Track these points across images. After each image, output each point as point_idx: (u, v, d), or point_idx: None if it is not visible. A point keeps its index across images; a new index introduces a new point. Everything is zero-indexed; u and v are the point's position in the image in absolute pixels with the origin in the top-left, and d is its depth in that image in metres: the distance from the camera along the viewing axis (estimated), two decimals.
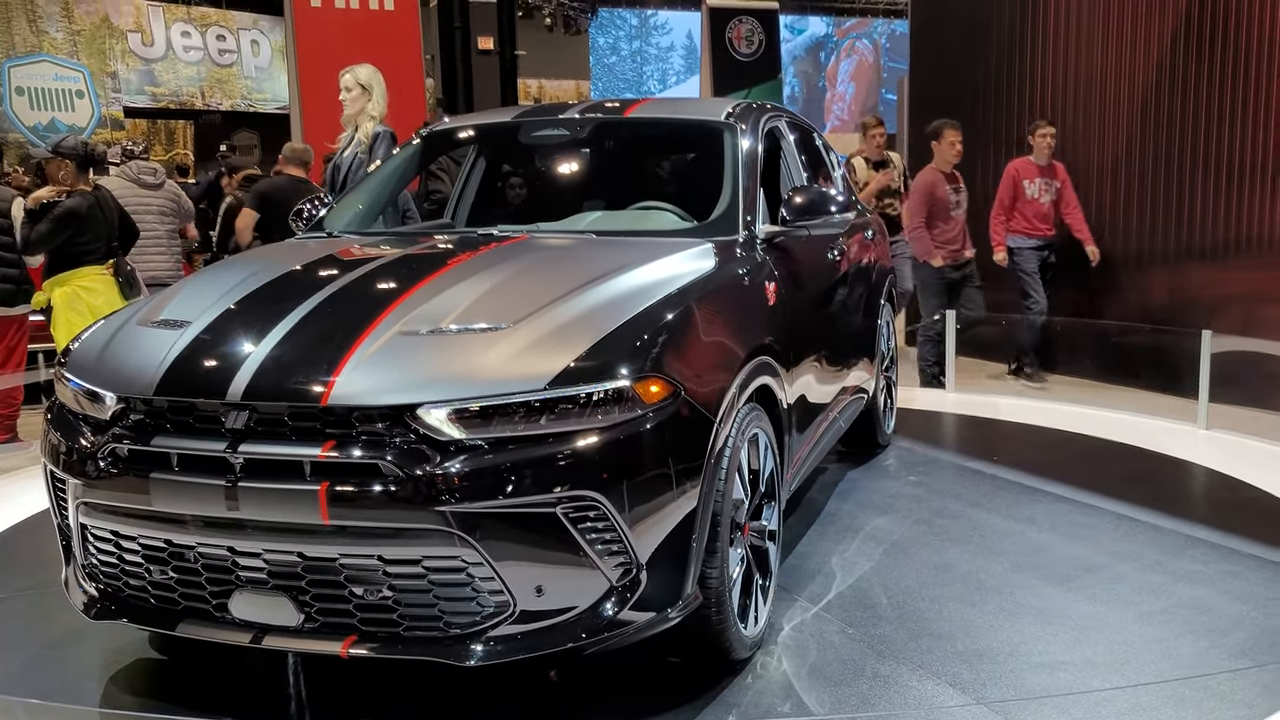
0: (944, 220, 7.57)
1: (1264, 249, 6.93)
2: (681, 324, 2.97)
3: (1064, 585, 3.76)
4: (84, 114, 19.12)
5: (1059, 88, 8.41)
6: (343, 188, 5.49)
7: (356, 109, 5.62)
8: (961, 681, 3.07)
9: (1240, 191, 7.05)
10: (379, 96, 5.60)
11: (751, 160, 3.97)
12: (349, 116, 5.71)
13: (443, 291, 3.05)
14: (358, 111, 5.61)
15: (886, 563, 3.99)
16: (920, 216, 7.55)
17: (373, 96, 5.59)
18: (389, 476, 2.56)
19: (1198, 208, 7.35)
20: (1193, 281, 7.42)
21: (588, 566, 2.64)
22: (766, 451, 3.33)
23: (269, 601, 2.72)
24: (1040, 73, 8.58)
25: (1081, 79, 8.22)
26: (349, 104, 5.63)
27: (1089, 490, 4.82)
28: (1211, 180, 7.23)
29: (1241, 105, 7.02)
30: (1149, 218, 7.72)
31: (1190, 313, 7.15)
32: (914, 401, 6.72)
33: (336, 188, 5.57)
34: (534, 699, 3.06)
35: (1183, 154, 7.42)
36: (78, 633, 3.47)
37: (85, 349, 3.14)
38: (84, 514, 2.92)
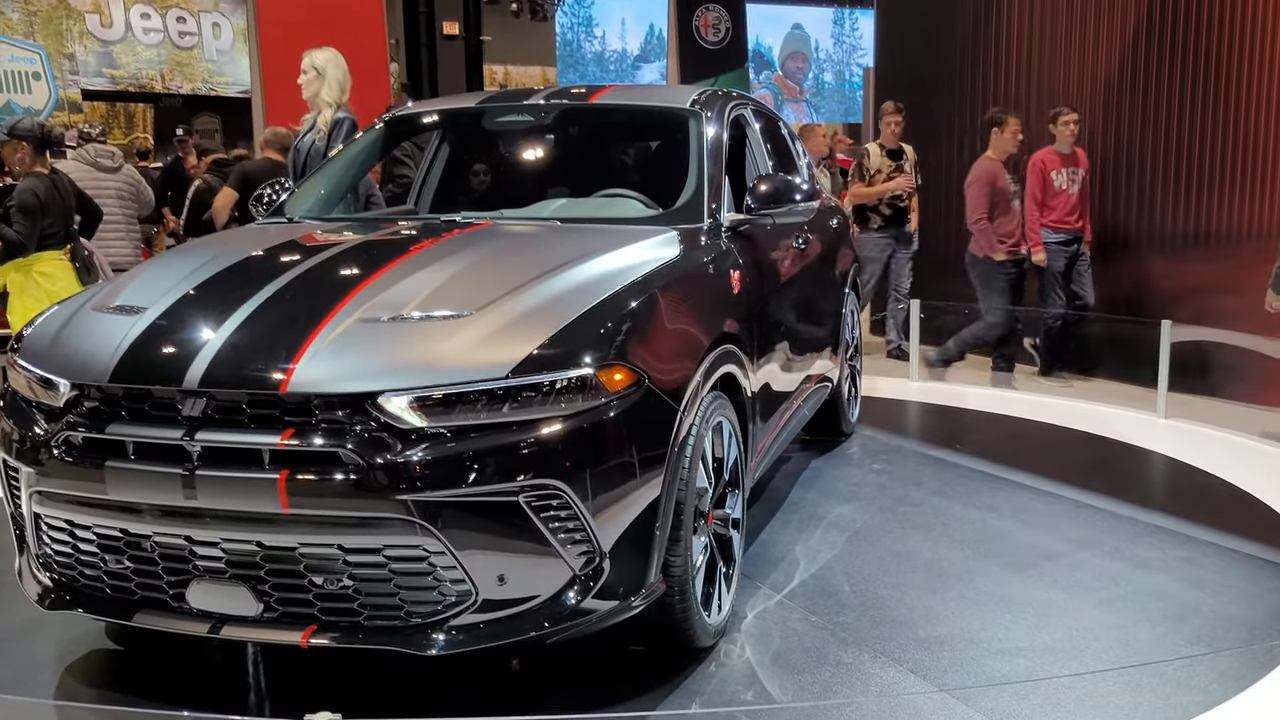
0: (1004, 212, 7.12)
1: (1222, 242, 7.01)
2: (645, 312, 2.96)
3: (1024, 572, 3.79)
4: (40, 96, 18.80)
5: (1022, 79, 8.46)
6: (303, 173, 5.42)
7: (311, 93, 5.52)
8: (923, 668, 3.09)
9: (1200, 185, 7.12)
10: (333, 80, 5.47)
11: (716, 148, 3.96)
12: (309, 100, 5.64)
13: (405, 278, 3.02)
14: (313, 95, 5.52)
15: (849, 550, 4.01)
16: (982, 209, 7.08)
17: (326, 81, 5.48)
18: (349, 465, 2.53)
19: (1157, 201, 7.43)
20: (1153, 273, 7.49)
21: (550, 555, 2.63)
22: (731, 440, 3.33)
23: (227, 591, 2.69)
24: (1004, 63, 8.63)
25: (1045, 70, 8.27)
26: (305, 87, 5.54)
27: (1049, 478, 4.87)
28: (1172, 174, 7.31)
29: (1202, 99, 7.09)
30: (1109, 210, 7.78)
31: (1150, 303, 7.22)
32: (878, 390, 6.75)
33: (297, 173, 5.50)
34: (496, 688, 3.05)
35: (1144, 147, 7.48)
36: (32, 624, 3.41)
37: (39, 335, 3.08)
38: (37, 503, 2.87)
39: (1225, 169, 6.99)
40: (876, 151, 8.17)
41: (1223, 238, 7.01)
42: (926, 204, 8.62)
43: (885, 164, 8.11)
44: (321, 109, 5.48)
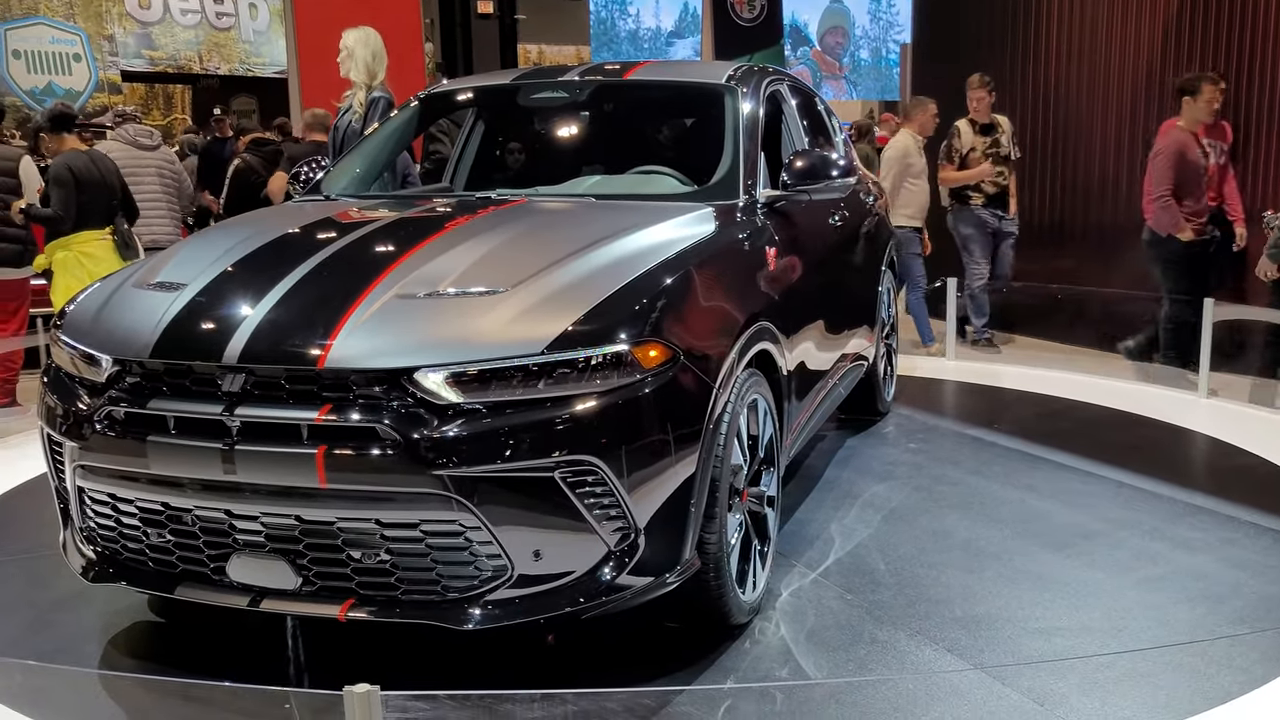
0: (1194, 188, 6.56)
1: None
2: (681, 288, 2.95)
3: (1062, 552, 3.76)
4: (81, 78, 18.99)
5: (1063, 52, 8.34)
6: (340, 151, 5.46)
7: (345, 71, 5.58)
8: (959, 647, 3.08)
9: (1243, 161, 7.00)
10: (360, 60, 5.49)
11: (752, 124, 3.94)
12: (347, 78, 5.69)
13: (440, 255, 3.03)
14: (347, 73, 5.58)
15: (885, 529, 3.99)
16: (1168, 184, 6.51)
17: (355, 61, 5.51)
18: (386, 440, 2.55)
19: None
20: None
21: (586, 531, 2.63)
22: (766, 417, 3.31)
23: (267, 565, 2.72)
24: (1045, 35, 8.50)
25: (1086, 45, 8.14)
26: (340, 66, 5.59)
27: (1089, 458, 4.82)
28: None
29: (1247, 73, 6.96)
30: None
31: None
32: (915, 369, 6.70)
33: (335, 151, 5.54)
34: (532, 662, 3.07)
35: None
36: (76, 596, 3.47)
37: (81, 311, 3.12)
38: (81, 477, 2.92)
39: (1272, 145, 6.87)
40: (967, 129, 7.67)
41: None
42: None
43: (978, 141, 7.63)
44: (356, 89, 5.52)
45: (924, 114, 7.64)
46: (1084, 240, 8.11)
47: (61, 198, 6.09)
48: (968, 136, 7.67)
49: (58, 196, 6.09)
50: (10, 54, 18.25)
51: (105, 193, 6.26)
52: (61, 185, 6.07)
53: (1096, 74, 7.98)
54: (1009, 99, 8.60)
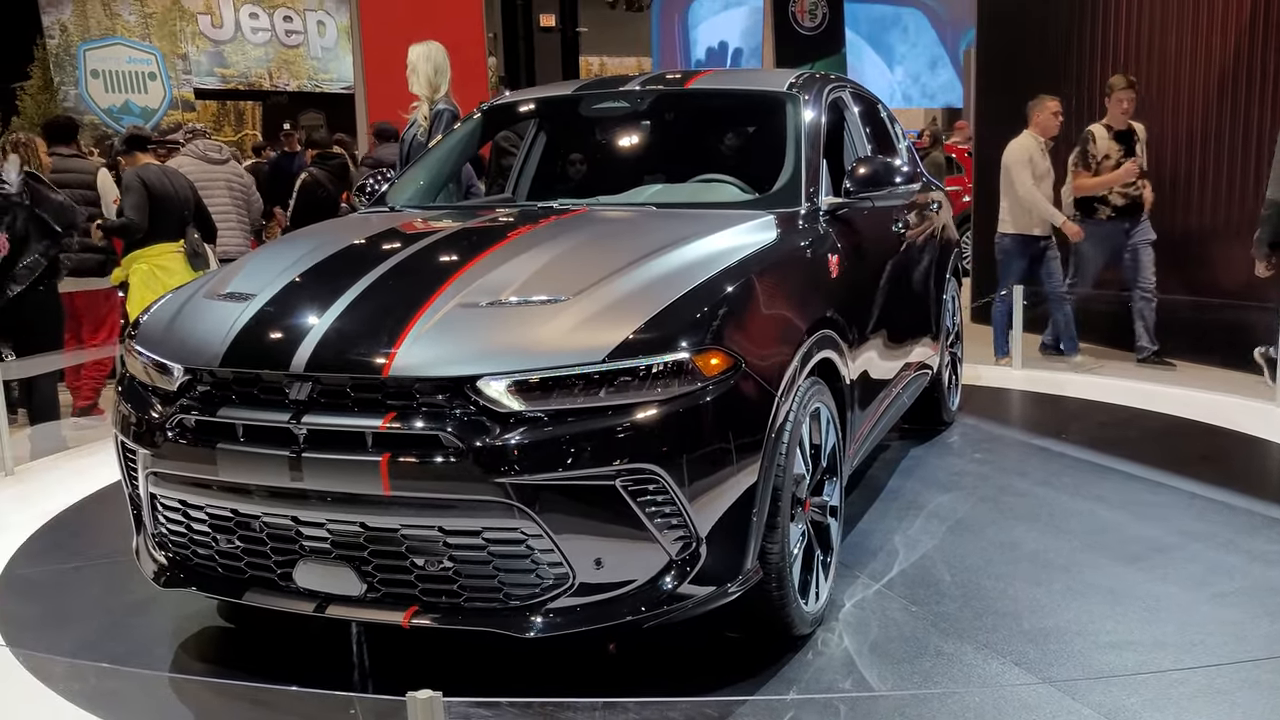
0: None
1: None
2: (742, 296, 2.94)
3: (1134, 565, 3.68)
4: (156, 96, 19.48)
5: (1133, 57, 8.18)
6: (405, 163, 5.54)
7: (411, 85, 5.68)
8: (1027, 660, 3.02)
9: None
10: (422, 75, 5.60)
11: (814, 131, 3.92)
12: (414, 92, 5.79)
13: (502, 264, 3.05)
14: (412, 88, 5.68)
15: (950, 540, 3.94)
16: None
17: (417, 75, 5.61)
18: (449, 448, 2.57)
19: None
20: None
21: (647, 540, 2.63)
22: (828, 426, 3.29)
23: (332, 571, 2.76)
24: (1114, 41, 8.35)
25: (1156, 48, 7.98)
26: (408, 81, 5.70)
27: (1161, 468, 4.71)
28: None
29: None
30: (1225, 190, 7.48)
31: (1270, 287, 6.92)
32: (980, 378, 6.61)
33: (403, 163, 5.63)
34: (593, 671, 3.07)
35: (1262, 125, 7.17)
36: (149, 600, 3.55)
37: (154, 321, 3.19)
38: (153, 484, 2.98)
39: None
40: (1103, 134, 7.16)
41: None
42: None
43: (1114, 149, 7.12)
44: (421, 102, 5.61)
45: (1044, 113, 7.26)
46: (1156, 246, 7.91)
47: (134, 204, 6.25)
48: (1103, 143, 7.14)
49: (130, 203, 6.26)
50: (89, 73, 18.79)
51: (178, 206, 6.41)
52: (133, 193, 6.24)
53: (1167, 77, 7.82)
54: (1078, 102, 8.46)
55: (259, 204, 8.13)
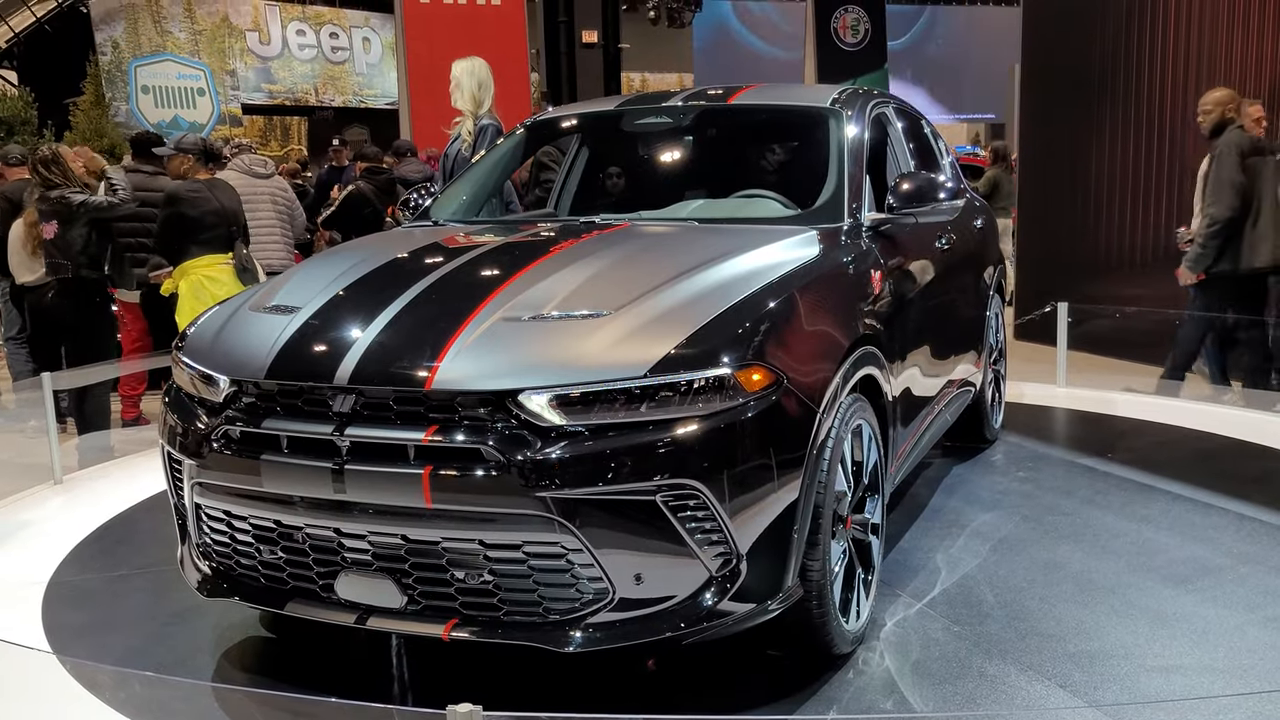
0: None
1: None
2: (784, 312, 2.93)
3: (1182, 587, 3.61)
4: (204, 111, 19.81)
5: (1180, 71, 8.09)
6: (449, 178, 5.59)
7: (454, 101, 5.74)
8: (1072, 683, 2.97)
9: None
10: (466, 90, 5.68)
11: (857, 147, 3.90)
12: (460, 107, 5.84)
13: (545, 278, 3.06)
14: (456, 103, 5.74)
15: (994, 560, 3.89)
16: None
17: (462, 90, 5.67)
18: (490, 461, 2.58)
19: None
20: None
21: (687, 555, 2.62)
22: (870, 443, 3.26)
23: (373, 583, 2.77)
24: (1162, 55, 8.27)
25: (1205, 61, 7.89)
26: (451, 96, 5.77)
27: (1210, 489, 4.63)
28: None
29: None
30: None
31: None
32: (1023, 396, 6.54)
33: (446, 178, 5.68)
34: (632, 687, 3.06)
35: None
36: (193, 609, 3.58)
37: (201, 333, 3.23)
38: (198, 494, 3.01)
39: None
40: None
41: None
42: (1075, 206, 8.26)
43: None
44: (465, 117, 5.66)
45: (1244, 119, 6.64)
46: None
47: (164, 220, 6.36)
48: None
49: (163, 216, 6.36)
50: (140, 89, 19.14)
51: (225, 219, 6.49)
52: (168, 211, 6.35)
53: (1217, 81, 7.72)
54: (1124, 118, 8.38)
55: (302, 219, 8.22)
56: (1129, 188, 8.56)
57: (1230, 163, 6.29)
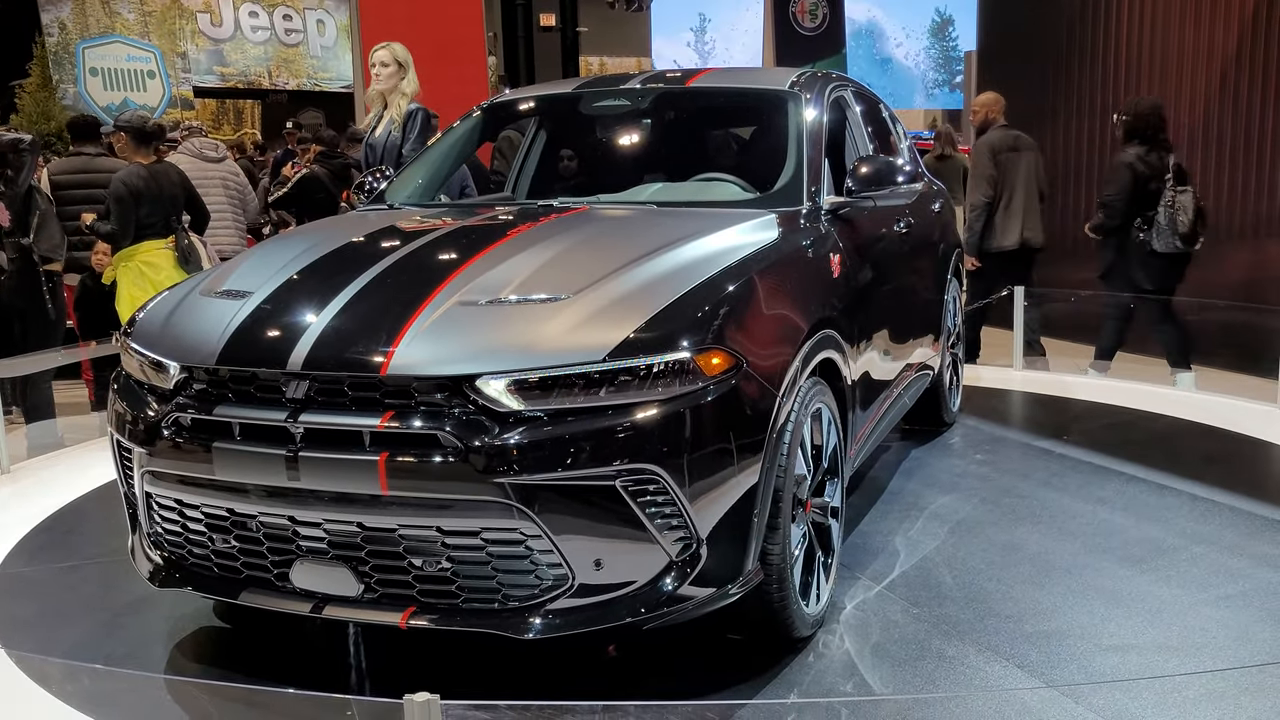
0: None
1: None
2: (743, 295, 2.92)
3: (1137, 567, 3.65)
4: (155, 94, 19.45)
5: (1135, 57, 8.17)
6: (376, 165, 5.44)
7: (389, 85, 5.55)
8: (1030, 663, 3.00)
9: None
10: (413, 74, 5.56)
11: (816, 130, 3.89)
12: (378, 93, 5.63)
13: (502, 262, 3.03)
14: (390, 89, 5.55)
15: (952, 542, 3.91)
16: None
17: (408, 74, 5.54)
18: (447, 447, 2.54)
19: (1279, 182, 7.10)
20: (1274, 257, 7.17)
21: (647, 540, 2.60)
22: (830, 427, 3.26)
23: (329, 571, 2.73)
24: (1116, 41, 8.34)
25: (1159, 48, 7.97)
26: (383, 80, 5.56)
27: (1164, 471, 4.69)
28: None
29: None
30: (1227, 192, 7.47)
31: (1271, 289, 6.91)
32: (980, 380, 6.59)
33: (367, 165, 5.50)
34: (592, 673, 3.04)
35: (1264, 127, 7.16)
36: (144, 600, 3.52)
37: (150, 319, 3.16)
38: (149, 483, 2.95)
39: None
40: None
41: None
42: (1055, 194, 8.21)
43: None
44: (395, 101, 5.49)
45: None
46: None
47: (119, 214, 6.21)
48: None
49: (117, 213, 6.21)
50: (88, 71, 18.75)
51: (165, 206, 6.36)
52: (120, 203, 6.20)
53: (1169, 79, 7.81)
54: (1079, 102, 8.45)
55: (255, 202, 8.09)
56: (1083, 173, 8.65)
57: (983, 158, 7.08)
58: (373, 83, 5.70)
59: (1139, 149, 6.42)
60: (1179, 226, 6.28)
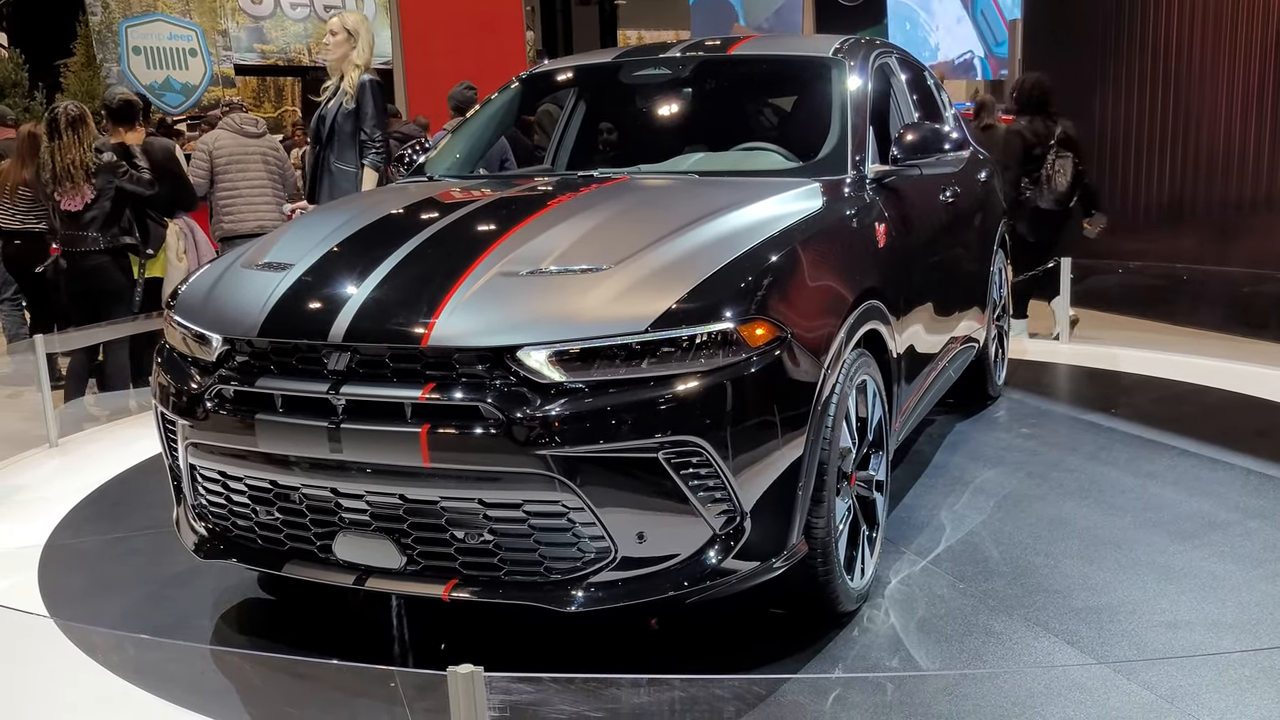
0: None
1: None
2: (788, 265, 2.87)
3: (1189, 542, 3.58)
4: (197, 72, 19.58)
5: (1188, 22, 7.97)
6: (329, 139, 5.33)
7: (339, 54, 5.40)
8: (1080, 640, 2.94)
9: None
10: (365, 43, 5.38)
11: (861, 97, 3.82)
12: (333, 63, 5.49)
13: (543, 233, 3.00)
14: (340, 57, 5.39)
15: (998, 516, 3.85)
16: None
17: (358, 43, 5.37)
18: (489, 419, 2.52)
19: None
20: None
21: (690, 513, 2.58)
22: (875, 399, 3.22)
23: (372, 543, 2.73)
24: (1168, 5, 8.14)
25: (1212, 12, 7.77)
26: (332, 49, 5.42)
27: (1216, 444, 4.59)
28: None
29: None
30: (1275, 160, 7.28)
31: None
32: (1026, 352, 6.49)
33: (321, 139, 5.40)
34: (635, 647, 3.03)
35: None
36: (190, 572, 3.54)
37: (193, 291, 3.17)
38: (193, 455, 2.96)
39: None
40: None
41: None
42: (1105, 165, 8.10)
43: None
44: (347, 72, 5.34)
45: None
46: (1206, 218, 7.75)
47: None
48: None
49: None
50: (131, 50, 18.90)
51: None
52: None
53: (1221, 45, 7.61)
54: (1127, 71, 8.27)
55: (294, 177, 8.11)
56: (1134, 142, 8.47)
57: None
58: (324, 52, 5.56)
59: (1027, 119, 6.88)
60: (1057, 187, 6.75)
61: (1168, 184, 8.26)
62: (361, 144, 5.24)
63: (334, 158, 5.30)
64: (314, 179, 5.41)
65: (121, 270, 6.13)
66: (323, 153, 5.35)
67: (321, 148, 5.36)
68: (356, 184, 5.23)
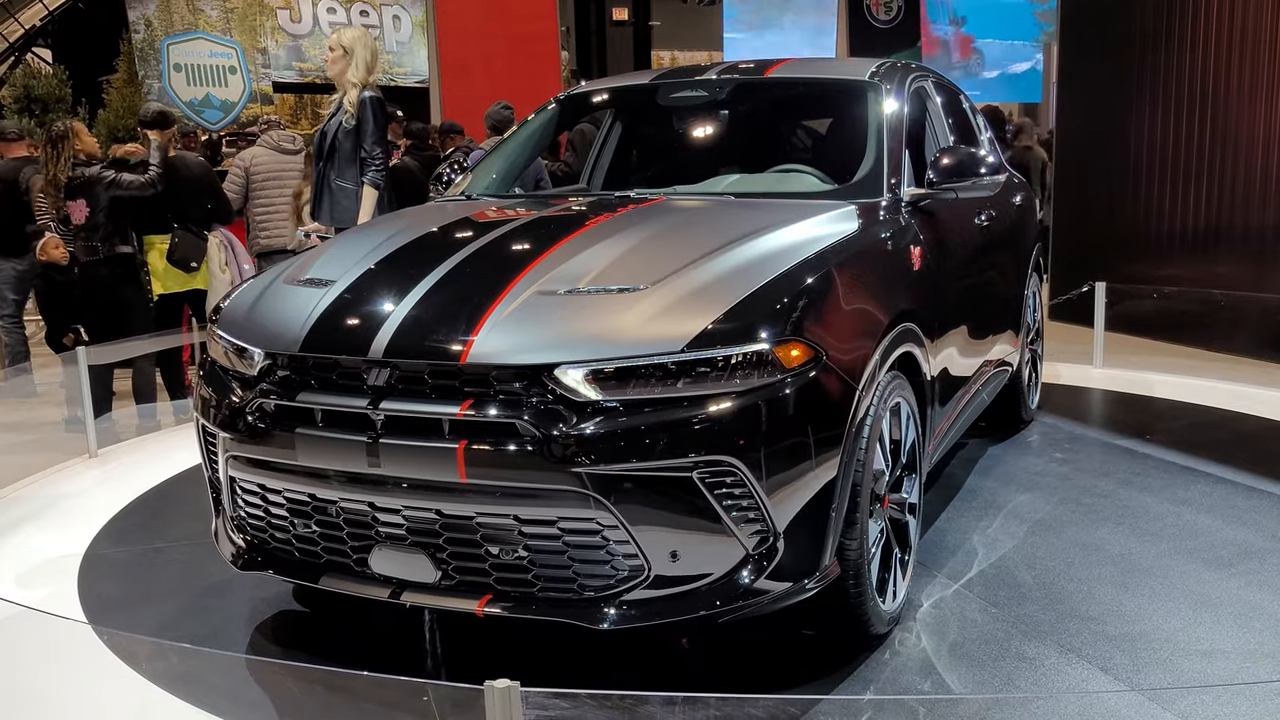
0: None
1: None
2: (823, 287, 2.88)
3: (1225, 570, 3.55)
4: (236, 90, 19.83)
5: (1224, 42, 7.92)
6: (330, 155, 5.33)
7: (337, 71, 5.39)
8: (1114, 666, 2.93)
9: None
10: (359, 60, 5.34)
11: (896, 121, 3.84)
12: (334, 79, 5.48)
13: (580, 252, 3.03)
14: (339, 74, 5.38)
15: (1031, 541, 3.84)
16: None
17: (353, 60, 5.33)
18: (525, 436, 2.55)
19: None
20: None
21: (724, 533, 2.59)
22: (908, 422, 3.22)
23: (408, 558, 2.76)
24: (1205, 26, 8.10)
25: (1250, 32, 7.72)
26: (331, 65, 5.42)
27: (1252, 472, 4.55)
28: None
29: None
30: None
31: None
32: (1059, 377, 6.46)
33: (322, 155, 5.39)
34: (666, 665, 3.04)
35: None
36: (227, 582, 3.59)
37: (236, 306, 3.22)
38: (233, 467, 3.01)
39: None
40: None
41: None
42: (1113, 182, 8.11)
43: None
44: (347, 89, 5.34)
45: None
46: (1244, 243, 7.68)
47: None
48: None
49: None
50: (172, 67, 19.17)
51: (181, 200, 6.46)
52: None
53: (1260, 66, 7.56)
54: (1165, 93, 8.23)
55: None
56: (1169, 164, 8.42)
57: None
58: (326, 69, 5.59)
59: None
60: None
61: (1204, 208, 8.19)
62: (361, 161, 5.22)
63: (334, 175, 5.30)
64: (316, 196, 5.42)
65: (131, 282, 6.23)
66: (324, 170, 5.36)
67: (323, 165, 5.37)
68: (356, 201, 5.23)
